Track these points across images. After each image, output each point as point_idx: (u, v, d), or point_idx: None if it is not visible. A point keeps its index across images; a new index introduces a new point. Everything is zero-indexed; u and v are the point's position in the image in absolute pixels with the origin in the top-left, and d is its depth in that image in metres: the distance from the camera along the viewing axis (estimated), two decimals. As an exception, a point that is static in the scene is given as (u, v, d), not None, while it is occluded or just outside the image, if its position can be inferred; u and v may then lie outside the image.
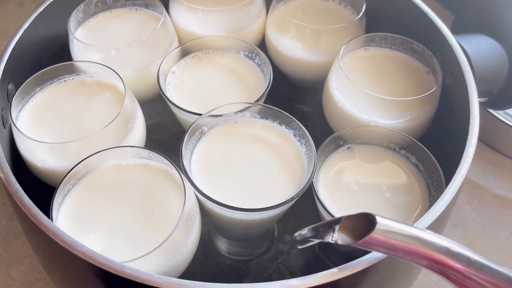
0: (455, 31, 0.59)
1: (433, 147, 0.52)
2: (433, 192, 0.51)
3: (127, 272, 0.36)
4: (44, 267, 0.50)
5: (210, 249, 0.61)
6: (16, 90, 0.53)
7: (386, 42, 0.63)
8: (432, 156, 0.51)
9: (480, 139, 0.48)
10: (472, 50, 0.58)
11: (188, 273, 0.56)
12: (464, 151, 0.46)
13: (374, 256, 0.38)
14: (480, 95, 0.52)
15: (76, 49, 0.61)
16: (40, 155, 0.50)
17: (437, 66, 0.58)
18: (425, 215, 0.41)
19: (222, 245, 0.60)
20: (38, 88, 0.56)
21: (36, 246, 0.45)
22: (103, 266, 0.37)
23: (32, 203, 0.41)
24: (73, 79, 0.58)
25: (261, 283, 0.36)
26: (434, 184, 0.51)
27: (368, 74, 0.60)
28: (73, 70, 0.57)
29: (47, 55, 0.62)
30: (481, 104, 0.53)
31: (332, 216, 0.47)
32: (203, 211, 0.50)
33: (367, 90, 0.55)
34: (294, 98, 0.74)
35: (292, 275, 0.59)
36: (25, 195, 0.41)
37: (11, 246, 0.64)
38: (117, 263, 0.37)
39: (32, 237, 0.44)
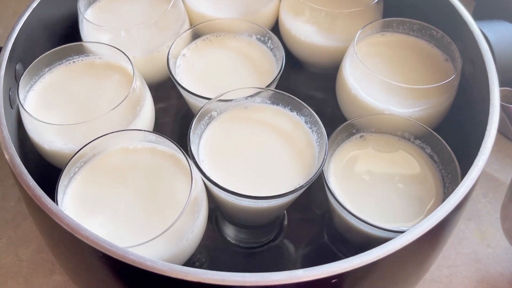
0: (476, 17, 0.56)
1: (449, 138, 0.50)
2: (448, 184, 0.50)
3: (130, 258, 0.36)
4: (49, 249, 0.50)
5: (217, 236, 0.60)
6: (24, 70, 0.53)
7: (403, 28, 0.61)
8: (448, 147, 0.50)
9: (498, 130, 0.46)
10: (494, 37, 0.56)
11: (194, 260, 0.55)
12: (483, 143, 0.45)
13: (385, 248, 0.37)
14: (501, 84, 0.50)
15: (86, 30, 0.60)
16: (47, 137, 0.50)
17: (457, 53, 0.56)
18: (439, 207, 0.40)
19: (230, 231, 0.60)
20: (46, 69, 0.55)
21: (41, 228, 0.44)
22: (106, 251, 0.36)
23: (37, 185, 0.40)
24: (82, 60, 0.57)
25: (267, 272, 0.35)
26: (449, 176, 0.49)
27: (384, 61, 0.58)
28: (82, 51, 0.57)
29: (56, 36, 0.61)
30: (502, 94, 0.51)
31: (342, 206, 0.46)
32: (211, 197, 0.49)
33: (382, 77, 0.53)
34: (307, 84, 0.72)
35: (301, 264, 0.58)
36: (30, 177, 0.41)
37: (20, 227, 0.64)
38: (120, 248, 0.36)
39: (37, 219, 0.43)
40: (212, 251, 0.59)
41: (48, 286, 0.59)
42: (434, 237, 0.41)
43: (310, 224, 0.63)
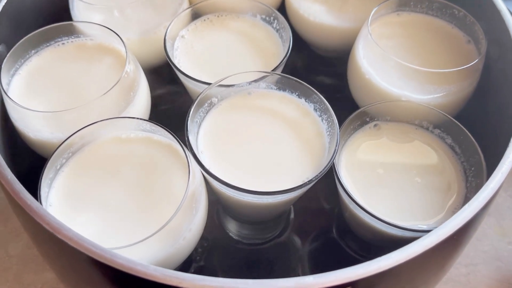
0: (502, -6, 0.52)
1: (472, 127, 0.47)
2: (471, 178, 0.46)
3: (118, 262, 0.32)
4: (36, 247, 0.47)
5: (218, 231, 0.57)
6: (8, 52, 0.49)
7: (421, 7, 0.57)
8: (471, 137, 0.46)
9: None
10: (522, 16, 0.51)
11: (193, 257, 0.52)
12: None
13: (405, 252, 0.33)
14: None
15: (76, 9, 0.57)
16: (33, 125, 0.47)
17: (480, 35, 0.52)
18: (467, 206, 0.36)
19: (232, 227, 0.56)
20: (33, 51, 0.52)
21: (24, 225, 0.41)
22: (91, 253, 0.33)
23: (16, 179, 0.36)
24: (72, 42, 0.54)
25: (273, 279, 0.31)
26: (472, 169, 0.46)
27: (400, 43, 0.55)
28: (72, 32, 0.53)
29: (44, 15, 0.57)
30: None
31: (355, 202, 0.42)
32: (211, 190, 0.46)
33: (399, 59, 0.49)
34: (315, 68, 0.69)
35: (309, 262, 0.54)
36: (8, 170, 0.37)
37: (10, 221, 0.61)
38: (107, 251, 0.32)
39: (19, 216, 0.39)
40: (213, 247, 0.55)
41: (39, 283, 0.56)
42: (459, 238, 0.36)
43: (318, 217, 0.60)
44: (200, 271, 0.53)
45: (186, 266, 0.52)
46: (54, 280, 0.56)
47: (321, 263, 0.55)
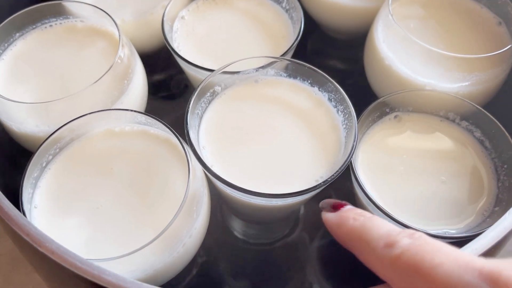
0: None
1: (504, 119, 0.43)
2: (503, 177, 0.43)
3: (107, 280, 0.29)
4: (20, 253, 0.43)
5: (222, 230, 0.54)
6: None
7: None
8: (504, 130, 0.43)
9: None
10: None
11: (193, 259, 0.49)
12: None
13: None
14: None
15: None
16: (17, 117, 0.44)
17: None
18: (507, 214, 0.31)
19: (237, 226, 0.53)
20: (17, 34, 0.49)
21: (5, 232, 0.37)
22: (77, 269, 0.29)
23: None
24: (60, 24, 0.51)
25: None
26: (505, 166, 0.42)
27: (423, 25, 0.51)
28: (60, 13, 0.50)
29: (30, -6, 0.53)
30: None
31: (373, 203, 0.38)
32: (213, 186, 0.42)
33: (423, 43, 0.45)
34: (327, 52, 0.67)
35: (319, 263, 0.51)
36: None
37: (-2, 217, 0.57)
38: (94, 266, 0.29)
39: (-1, 221, 0.36)
40: (216, 247, 0.52)
41: (29, 284, 0.54)
42: (497, 250, 0.32)
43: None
44: (203, 273, 0.50)
45: (187, 269, 0.48)
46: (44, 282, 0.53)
47: (333, 265, 0.51)
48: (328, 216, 0.30)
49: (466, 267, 0.23)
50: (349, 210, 0.30)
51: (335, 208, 0.31)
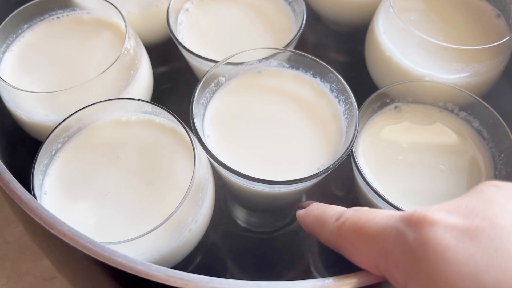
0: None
1: (501, 109, 0.44)
2: (500, 165, 0.43)
3: (118, 261, 0.29)
4: (30, 238, 0.44)
5: (226, 218, 0.54)
6: None
7: None
8: (502, 120, 0.43)
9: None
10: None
11: (197, 247, 0.49)
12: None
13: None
14: None
15: None
16: (26, 106, 0.44)
17: None
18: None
19: (240, 214, 0.53)
20: (25, 26, 0.50)
21: (17, 216, 0.38)
22: (88, 251, 0.30)
23: (5, 168, 0.33)
24: (67, 15, 0.51)
25: (288, 282, 0.28)
26: (502, 155, 0.43)
27: (423, 17, 0.51)
28: (67, 5, 0.51)
29: (38, -14, 0.53)
30: None
31: (374, 191, 0.38)
32: (218, 176, 0.43)
33: (423, 35, 0.46)
34: (329, 45, 0.66)
35: (318, 249, 0.52)
36: (-4, 157, 0.33)
37: (6, 206, 0.58)
38: (105, 248, 0.29)
39: (11, 207, 0.36)
40: (219, 235, 0.52)
41: (37, 271, 0.54)
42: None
43: (331, 203, 0.56)
44: (206, 261, 0.51)
45: (191, 256, 0.49)
46: (52, 269, 0.54)
47: (333, 254, 0.52)
48: (299, 212, 0.35)
49: (391, 216, 0.27)
50: (315, 204, 0.35)
51: (306, 206, 0.35)
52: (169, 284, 0.29)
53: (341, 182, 0.56)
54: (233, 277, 0.49)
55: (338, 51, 0.65)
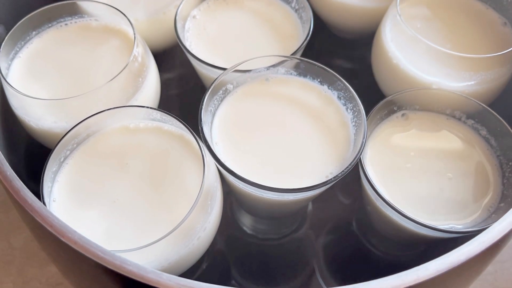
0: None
1: (509, 117, 0.44)
2: (508, 173, 0.43)
3: (129, 269, 0.29)
4: (38, 245, 0.44)
5: (232, 224, 0.54)
6: (7, 33, 0.46)
7: None
8: (510, 129, 0.43)
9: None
10: None
11: (204, 253, 0.49)
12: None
13: (446, 261, 0.29)
14: None
15: None
16: (34, 113, 0.44)
17: None
18: (512, 210, 0.32)
19: (246, 221, 0.53)
20: (34, 33, 0.50)
21: (25, 223, 0.38)
22: (99, 259, 0.30)
23: (15, 175, 0.33)
24: (75, 22, 0.51)
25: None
26: (510, 163, 0.43)
27: (430, 25, 0.51)
28: (75, 12, 0.51)
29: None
30: None
31: (382, 198, 0.39)
32: (225, 183, 0.43)
33: (431, 43, 0.46)
34: (335, 52, 0.66)
35: (327, 258, 0.51)
36: (7, 165, 0.34)
37: (12, 211, 0.58)
38: (116, 257, 0.29)
39: (20, 214, 0.36)
40: (225, 242, 0.52)
41: (43, 277, 0.54)
42: (503, 243, 0.33)
43: (337, 210, 0.57)
44: (212, 268, 0.51)
45: (197, 263, 0.49)
46: (58, 275, 0.53)
47: (338, 262, 0.52)
48: None
49: None
50: None
51: None
52: (180, 293, 0.29)
53: (349, 189, 0.56)
54: (239, 284, 0.49)
55: (345, 58, 0.65)
